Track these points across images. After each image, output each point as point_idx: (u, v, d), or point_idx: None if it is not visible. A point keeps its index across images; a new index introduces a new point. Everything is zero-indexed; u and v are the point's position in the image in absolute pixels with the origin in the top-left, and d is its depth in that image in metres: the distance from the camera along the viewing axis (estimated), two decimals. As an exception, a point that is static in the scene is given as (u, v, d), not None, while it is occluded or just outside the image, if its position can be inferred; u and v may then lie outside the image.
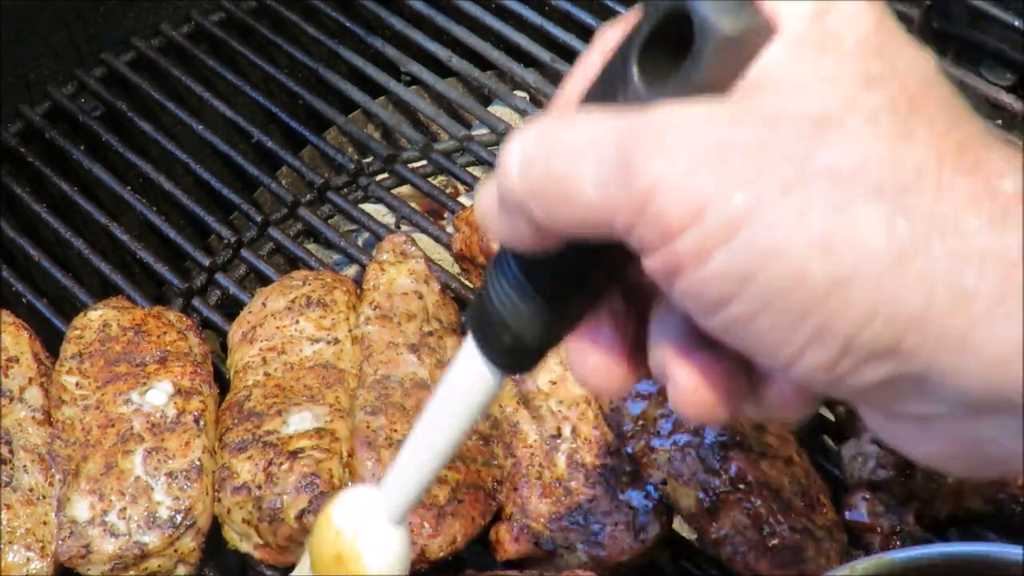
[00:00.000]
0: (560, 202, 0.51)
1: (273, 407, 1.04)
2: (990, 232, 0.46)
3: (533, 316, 0.58)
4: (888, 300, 0.46)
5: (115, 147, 1.40)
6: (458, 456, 1.01)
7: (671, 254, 0.49)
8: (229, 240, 1.32)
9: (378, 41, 1.55)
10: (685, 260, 0.48)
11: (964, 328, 0.46)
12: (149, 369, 1.07)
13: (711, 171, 0.47)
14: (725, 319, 0.49)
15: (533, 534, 0.96)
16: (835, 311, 0.47)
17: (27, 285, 1.27)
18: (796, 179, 0.46)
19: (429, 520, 0.96)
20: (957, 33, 1.49)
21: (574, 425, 1.01)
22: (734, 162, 0.47)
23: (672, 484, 0.95)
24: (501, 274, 0.59)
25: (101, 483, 0.99)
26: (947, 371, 0.47)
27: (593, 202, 0.50)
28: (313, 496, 0.96)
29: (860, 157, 0.47)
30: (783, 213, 0.46)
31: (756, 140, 0.47)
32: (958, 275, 0.46)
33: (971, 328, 0.46)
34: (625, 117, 0.50)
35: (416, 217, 1.34)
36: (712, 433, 0.94)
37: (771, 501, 0.92)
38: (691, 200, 0.47)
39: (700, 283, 0.49)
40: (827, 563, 0.90)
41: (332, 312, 1.11)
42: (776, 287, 0.47)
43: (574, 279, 0.57)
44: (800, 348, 0.48)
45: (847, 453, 1.02)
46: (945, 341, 0.46)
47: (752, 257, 0.47)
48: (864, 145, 0.47)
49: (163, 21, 1.53)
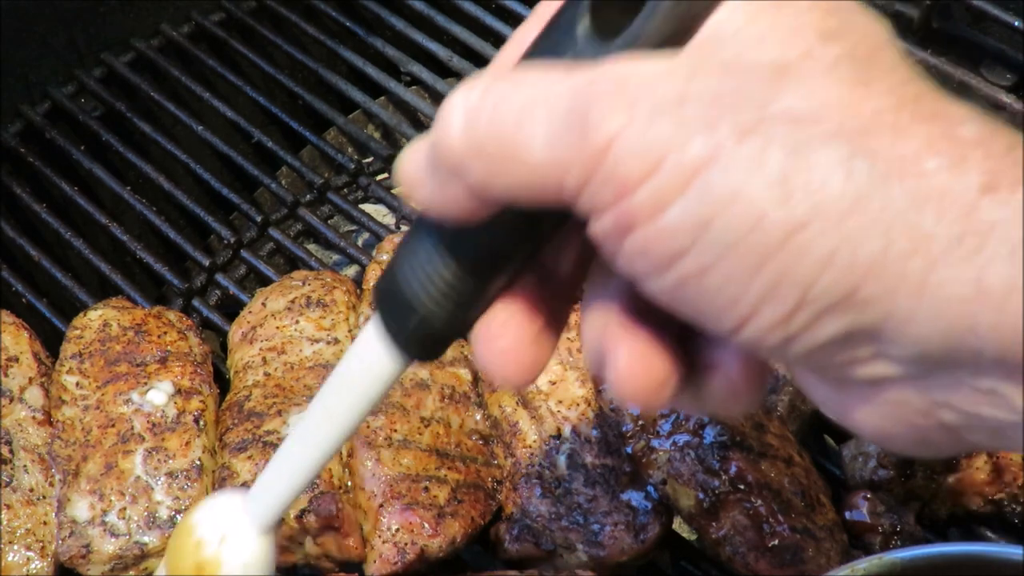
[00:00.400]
0: (505, 162, 0.48)
1: (273, 407, 1.04)
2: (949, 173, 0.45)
3: (446, 297, 0.53)
4: (846, 244, 0.45)
5: (115, 147, 1.40)
6: (458, 456, 1.01)
7: (623, 210, 0.47)
8: (229, 240, 1.32)
9: (378, 41, 1.55)
10: (640, 214, 0.47)
11: (922, 270, 0.45)
12: (149, 369, 1.07)
13: (669, 119, 0.46)
14: (676, 277, 0.48)
15: (533, 534, 0.96)
16: (792, 258, 0.45)
17: (27, 285, 1.27)
18: (754, 123, 0.46)
19: (429, 520, 0.96)
20: (957, 33, 1.49)
21: (574, 425, 1.01)
22: (693, 111, 0.46)
23: (672, 484, 0.95)
24: (415, 248, 0.54)
25: (101, 483, 0.99)
26: (904, 318, 0.45)
27: (542, 160, 0.48)
28: (313, 496, 0.96)
29: (819, 101, 0.46)
30: (741, 157, 0.45)
31: (715, 88, 0.47)
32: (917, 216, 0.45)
33: (929, 270, 0.45)
34: (579, 71, 0.48)
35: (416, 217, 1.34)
36: (712, 433, 0.94)
37: (771, 501, 0.92)
38: (649, 151, 0.46)
39: (653, 236, 0.47)
40: (827, 563, 0.90)
41: (332, 312, 1.11)
42: (732, 235, 0.46)
43: (498, 256, 0.53)
44: (754, 304, 0.47)
45: (848, 453, 1.02)
46: (903, 285, 0.45)
47: (709, 204, 0.46)
48: (823, 90, 0.47)
49: (163, 21, 1.53)
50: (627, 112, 0.46)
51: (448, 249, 0.53)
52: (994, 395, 0.47)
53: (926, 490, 1.00)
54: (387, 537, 0.96)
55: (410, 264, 0.54)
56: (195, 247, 1.32)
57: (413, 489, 0.97)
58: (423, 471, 0.99)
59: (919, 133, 0.46)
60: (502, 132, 0.49)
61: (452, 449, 1.02)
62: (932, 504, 1.01)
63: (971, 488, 1.00)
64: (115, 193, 1.37)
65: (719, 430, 0.94)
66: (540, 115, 0.48)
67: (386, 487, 0.97)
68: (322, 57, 1.54)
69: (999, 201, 0.44)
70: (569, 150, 0.47)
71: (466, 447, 1.03)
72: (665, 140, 0.46)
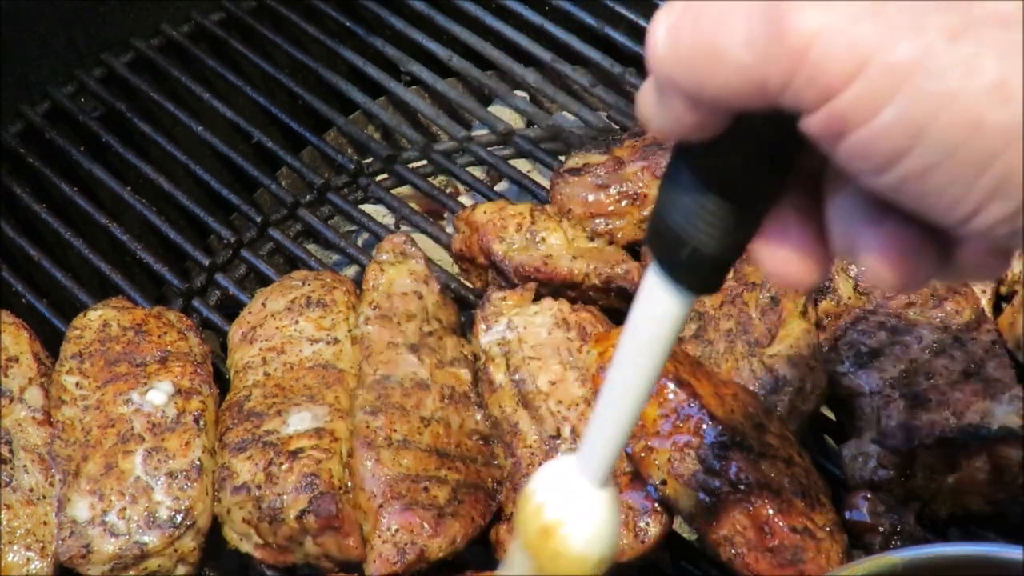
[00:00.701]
0: (710, 67, 0.49)
1: (273, 407, 1.04)
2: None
3: (711, 224, 0.55)
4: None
5: (115, 147, 1.40)
6: (458, 456, 1.01)
7: (834, 111, 0.47)
8: (229, 240, 1.32)
9: (378, 41, 1.55)
10: (851, 116, 0.47)
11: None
12: (149, 369, 1.07)
13: (872, 21, 0.45)
14: (897, 177, 0.48)
15: (533, 534, 0.96)
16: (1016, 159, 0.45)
17: (27, 285, 1.27)
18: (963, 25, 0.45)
19: (429, 521, 0.96)
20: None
21: (574, 425, 1.01)
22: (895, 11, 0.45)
23: (672, 484, 0.94)
24: (672, 185, 0.56)
25: (101, 483, 0.99)
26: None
27: (744, 62, 0.48)
28: (313, 496, 0.96)
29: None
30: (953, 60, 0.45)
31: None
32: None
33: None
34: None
35: (416, 217, 1.34)
36: (712, 433, 0.94)
37: (771, 501, 0.92)
38: (852, 52, 0.46)
39: (868, 139, 0.47)
40: (827, 563, 0.90)
41: (332, 312, 1.11)
42: (951, 138, 0.46)
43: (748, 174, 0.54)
44: (979, 202, 0.47)
45: (848, 453, 1.02)
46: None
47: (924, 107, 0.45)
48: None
49: (163, 21, 1.53)
50: (823, 9, 0.46)
51: (702, 177, 0.54)
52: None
53: (926, 490, 1.00)
54: (387, 537, 0.96)
55: (671, 200, 0.56)
56: (195, 247, 1.32)
57: (413, 489, 0.97)
58: (423, 471, 0.99)
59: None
60: (703, 40, 0.49)
61: (452, 449, 1.02)
62: (932, 504, 1.01)
63: (971, 488, 1.00)
64: (115, 193, 1.37)
65: (719, 430, 0.94)
66: (738, 18, 0.48)
67: (386, 487, 0.97)
68: (322, 57, 1.54)
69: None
70: (769, 50, 0.47)
71: (466, 447, 1.03)
72: (869, 40, 0.46)
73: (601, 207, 1.20)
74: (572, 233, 1.17)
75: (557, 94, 1.48)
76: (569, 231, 1.17)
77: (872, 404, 1.03)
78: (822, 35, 0.46)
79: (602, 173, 1.21)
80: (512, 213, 1.18)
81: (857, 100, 0.46)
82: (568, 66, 1.49)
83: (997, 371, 1.03)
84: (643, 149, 1.22)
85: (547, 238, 1.16)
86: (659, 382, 0.96)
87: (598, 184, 1.21)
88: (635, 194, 1.20)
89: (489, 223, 1.17)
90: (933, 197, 0.48)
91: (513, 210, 1.18)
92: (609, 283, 1.13)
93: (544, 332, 1.08)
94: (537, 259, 1.14)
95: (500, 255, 1.15)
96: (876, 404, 1.03)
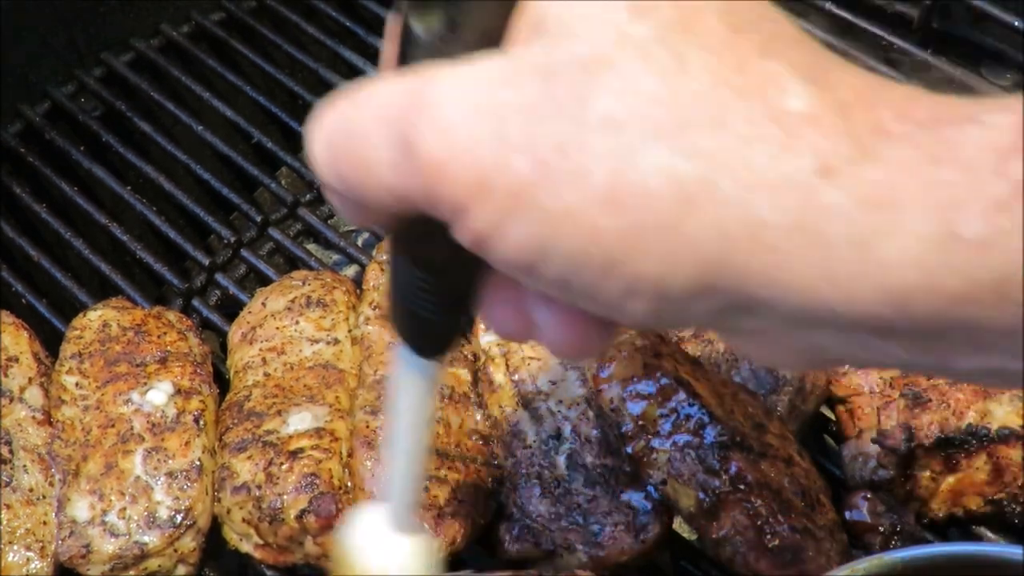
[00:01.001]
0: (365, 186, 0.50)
1: (273, 407, 1.04)
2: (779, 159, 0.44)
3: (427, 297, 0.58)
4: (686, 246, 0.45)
5: (115, 147, 1.40)
6: (458, 456, 1.01)
7: (467, 228, 0.48)
8: (229, 240, 1.32)
9: (378, 41, 1.55)
10: (484, 234, 0.48)
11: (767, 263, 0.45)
12: (149, 369, 1.07)
13: (488, 140, 0.46)
14: (542, 282, 0.49)
15: (533, 534, 0.96)
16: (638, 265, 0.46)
17: (27, 285, 1.27)
18: (573, 135, 0.45)
19: (429, 520, 0.96)
20: (957, 33, 1.49)
21: (574, 425, 1.01)
22: (510, 127, 0.46)
23: (672, 484, 0.94)
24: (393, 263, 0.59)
25: (101, 483, 0.99)
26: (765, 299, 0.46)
27: (392, 184, 0.49)
28: (313, 496, 0.96)
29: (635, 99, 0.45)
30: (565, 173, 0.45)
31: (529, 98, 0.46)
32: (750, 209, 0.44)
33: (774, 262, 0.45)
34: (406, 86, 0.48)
35: (416, 217, 1.34)
36: (712, 433, 0.94)
37: (771, 501, 0.92)
38: (473, 174, 0.46)
39: (504, 254, 0.48)
40: (827, 563, 0.90)
41: (332, 312, 1.11)
42: (573, 250, 0.46)
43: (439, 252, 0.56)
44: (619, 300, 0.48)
45: (848, 453, 1.02)
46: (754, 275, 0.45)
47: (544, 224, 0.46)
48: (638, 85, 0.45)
49: (163, 21, 1.53)
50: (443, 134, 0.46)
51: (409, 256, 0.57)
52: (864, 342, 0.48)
53: (926, 490, 1.00)
54: (387, 537, 0.96)
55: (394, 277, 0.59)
56: (195, 247, 1.32)
57: (413, 489, 0.97)
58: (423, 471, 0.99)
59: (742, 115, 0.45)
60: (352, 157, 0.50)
61: (452, 449, 1.02)
62: (932, 504, 1.01)
63: (971, 488, 1.00)
64: (115, 193, 1.36)
65: (719, 430, 0.94)
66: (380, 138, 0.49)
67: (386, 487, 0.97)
68: (322, 57, 1.54)
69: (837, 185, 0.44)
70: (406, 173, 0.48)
71: (466, 447, 1.03)
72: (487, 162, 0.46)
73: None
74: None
75: (557, 94, 1.48)
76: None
77: (872, 404, 1.03)
78: (443, 158, 0.46)
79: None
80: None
81: (484, 220, 0.47)
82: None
83: (997, 371, 1.03)
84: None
85: (547, 238, 1.16)
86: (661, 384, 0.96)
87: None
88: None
89: (489, 223, 1.17)
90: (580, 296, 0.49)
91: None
92: (609, 283, 1.13)
93: (544, 332, 1.08)
94: (537, 259, 1.14)
95: (500, 255, 1.15)
96: (876, 404, 1.03)
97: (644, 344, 1.00)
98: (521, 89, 0.46)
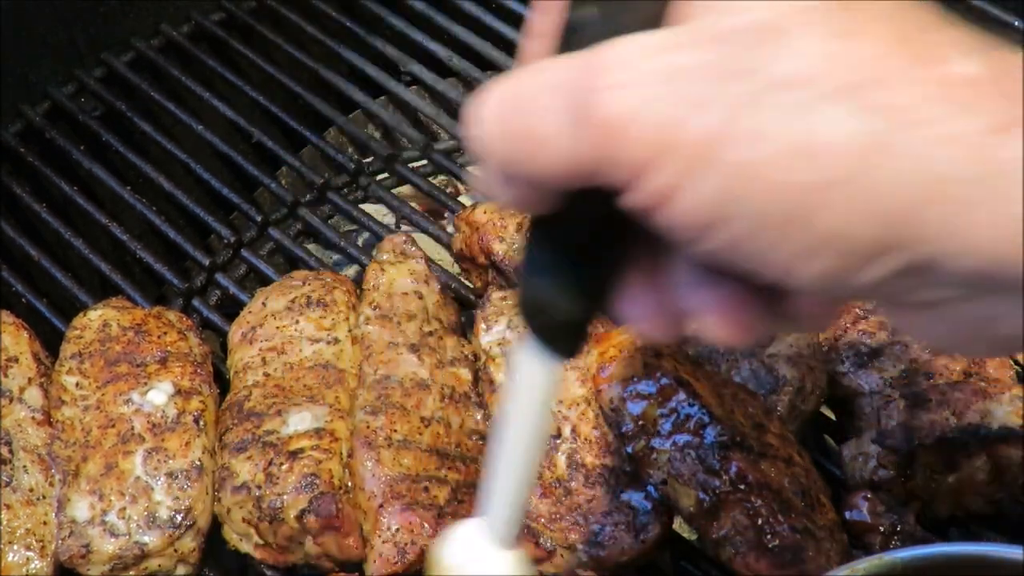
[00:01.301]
0: (532, 153, 0.50)
1: (273, 407, 1.04)
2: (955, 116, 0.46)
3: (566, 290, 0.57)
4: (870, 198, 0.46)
5: (115, 147, 1.40)
6: (458, 456, 1.01)
7: (643, 191, 0.48)
8: (229, 240, 1.32)
9: (378, 41, 1.55)
10: (659, 195, 0.48)
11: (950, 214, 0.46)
12: (149, 369, 1.07)
13: (666, 100, 0.47)
14: (715, 246, 0.49)
15: (533, 534, 0.96)
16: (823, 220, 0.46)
17: (27, 285, 1.27)
18: (753, 94, 0.46)
19: (429, 520, 0.96)
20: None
21: (574, 425, 1.01)
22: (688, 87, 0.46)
23: (672, 484, 0.95)
24: (530, 255, 0.58)
25: (101, 483, 0.99)
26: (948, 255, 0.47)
27: (563, 151, 0.49)
28: (313, 496, 0.96)
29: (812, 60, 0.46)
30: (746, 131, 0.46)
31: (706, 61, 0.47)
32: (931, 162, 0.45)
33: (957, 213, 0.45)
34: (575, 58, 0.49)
35: (416, 217, 1.34)
36: (712, 433, 0.94)
37: (771, 501, 0.92)
38: (652, 133, 0.47)
39: (680, 216, 0.48)
40: (827, 563, 0.90)
41: (332, 312, 1.11)
42: (756, 206, 0.47)
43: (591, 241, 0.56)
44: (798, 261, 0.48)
45: (848, 453, 1.02)
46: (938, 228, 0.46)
47: (725, 181, 0.47)
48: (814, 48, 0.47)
49: (163, 21, 1.53)
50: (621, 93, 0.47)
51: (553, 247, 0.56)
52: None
53: (926, 490, 1.00)
54: (387, 537, 0.96)
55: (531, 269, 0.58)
56: (195, 247, 1.32)
57: (413, 489, 0.97)
58: (423, 471, 0.99)
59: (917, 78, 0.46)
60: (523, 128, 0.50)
61: (452, 449, 1.02)
62: (932, 504, 1.01)
63: (971, 488, 1.00)
64: (115, 193, 1.36)
65: (719, 430, 0.94)
66: (549, 107, 0.49)
67: (386, 487, 0.97)
68: (322, 57, 1.54)
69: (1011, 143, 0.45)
70: (579, 138, 0.48)
71: (466, 447, 1.03)
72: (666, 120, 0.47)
73: (601, 207, 1.20)
74: (572, 233, 1.17)
75: (557, 94, 1.48)
76: (569, 231, 1.17)
77: (872, 404, 1.03)
78: (623, 118, 0.47)
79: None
80: (512, 213, 1.17)
81: (661, 180, 0.47)
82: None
83: (997, 371, 1.03)
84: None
85: (547, 238, 1.16)
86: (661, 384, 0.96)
87: (598, 184, 1.21)
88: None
89: (489, 223, 1.17)
90: (751, 260, 0.49)
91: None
92: (609, 283, 1.13)
93: (544, 332, 1.08)
94: (537, 259, 1.14)
95: (500, 255, 1.15)
96: (876, 404, 1.03)
97: (644, 344, 1.00)
98: (698, 53, 0.47)
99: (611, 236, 0.56)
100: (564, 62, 0.50)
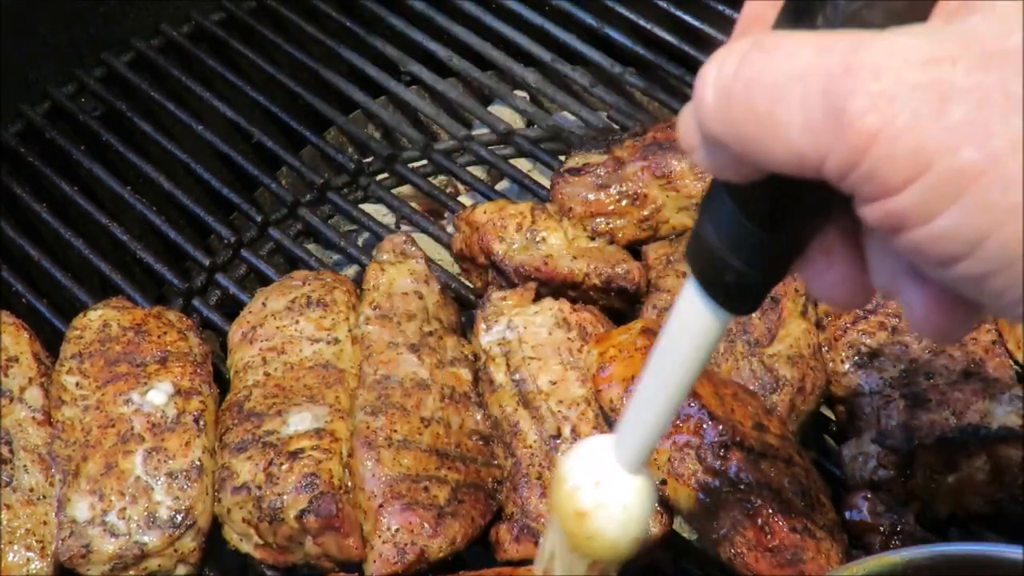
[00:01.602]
0: (762, 142, 0.48)
1: (273, 407, 1.04)
2: None
3: (754, 249, 0.55)
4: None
5: (115, 147, 1.40)
6: (458, 456, 1.01)
7: (891, 209, 0.46)
8: (229, 240, 1.32)
9: (378, 41, 1.55)
10: (908, 216, 0.46)
11: None
12: (149, 369, 1.07)
13: (937, 122, 0.44)
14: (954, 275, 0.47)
15: (533, 534, 0.96)
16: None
17: (27, 285, 1.27)
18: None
19: (429, 521, 0.96)
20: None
21: (574, 425, 1.01)
22: (958, 113, 0.44)
23: (672, 484, 0.95)
24: (716, 210, 0.56)
25: (101, 483, 0.99)
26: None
27: (799, 145, 0.47)
28: (313, 496, 0.96)
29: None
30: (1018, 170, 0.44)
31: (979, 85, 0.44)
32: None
33: None
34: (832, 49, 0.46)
35: (416, 217, 1.34)
36: (712, 433, 0.94)
37: (771, 501, 0.92)
38: (915, 154, 0.45)
39: (926, 240, 0.46)
40: (827, 563, 0.90)
41: (332, 312, 1.11)
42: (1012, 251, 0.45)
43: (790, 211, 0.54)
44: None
45: (848, 453, 1.02)
46: None
47: (986, 217, 0.45)
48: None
49: (163, 21, 1.53)
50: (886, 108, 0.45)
51: (745, 208, 0.55)
52: None
53: (926, 490, 1.00)
54: (387, 537, 0.96)
55: (714, 224, 0.56)
56: (195, 247, 1.32)
57: (413, 489, 0.97)
58: (423, 471, 0.99)
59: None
60: (757, 112, 0.48)
61: (452, 449, 1.02)
62: (932, 504, 1.01)
63: (971, 488, 1.00)
64: (115, 193, 1.37)
65: (719, 430, 0.94)
66: (795, 98, 0.47)
67: (386, 487, 0.97)
68: (322, 57, 1.54)
69: None
70: (827, 139, 0.46)
71: (466, 447, 1.03)
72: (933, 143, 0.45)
73: (601, 207, 1.20)
74: (572, 233, 1.17)
75: (557, 94, 1.48)
76: (569, 231, 1.17)
77: (872, 404, 1.03)
78: (884, 133, 0.45)
79: (602, 173, 1.21)
80: (512, 213, 1.17)
81: (916, 202, 0.46)
82: (568, 66, 1.49)
83: (997, 371, 1.03)
84: (643, 149, 1.22)
85: (547, 238, 1.16)
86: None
87: (598, 184, 1.21)
88: (635, 194, 1.20)
89: (489, 223, 1.17)
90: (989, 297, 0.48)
91: (513, 210, 1.18)
92: (609, 283, 1.13)
93: (544, 332, 1.08)
94: (537, 259, 1.14)
95: (500, 255, 1.15)
96: (876, 404, 1.03)
97: (644, 344, 1.00)
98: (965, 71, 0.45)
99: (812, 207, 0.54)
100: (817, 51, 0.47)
